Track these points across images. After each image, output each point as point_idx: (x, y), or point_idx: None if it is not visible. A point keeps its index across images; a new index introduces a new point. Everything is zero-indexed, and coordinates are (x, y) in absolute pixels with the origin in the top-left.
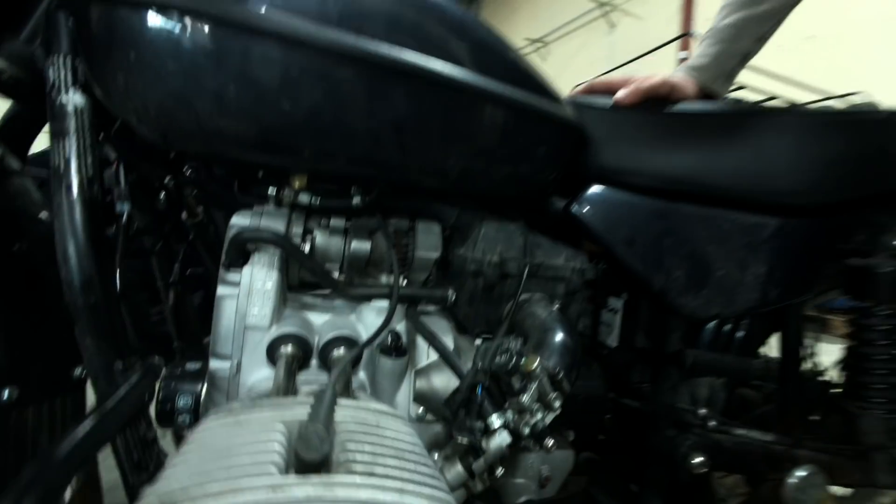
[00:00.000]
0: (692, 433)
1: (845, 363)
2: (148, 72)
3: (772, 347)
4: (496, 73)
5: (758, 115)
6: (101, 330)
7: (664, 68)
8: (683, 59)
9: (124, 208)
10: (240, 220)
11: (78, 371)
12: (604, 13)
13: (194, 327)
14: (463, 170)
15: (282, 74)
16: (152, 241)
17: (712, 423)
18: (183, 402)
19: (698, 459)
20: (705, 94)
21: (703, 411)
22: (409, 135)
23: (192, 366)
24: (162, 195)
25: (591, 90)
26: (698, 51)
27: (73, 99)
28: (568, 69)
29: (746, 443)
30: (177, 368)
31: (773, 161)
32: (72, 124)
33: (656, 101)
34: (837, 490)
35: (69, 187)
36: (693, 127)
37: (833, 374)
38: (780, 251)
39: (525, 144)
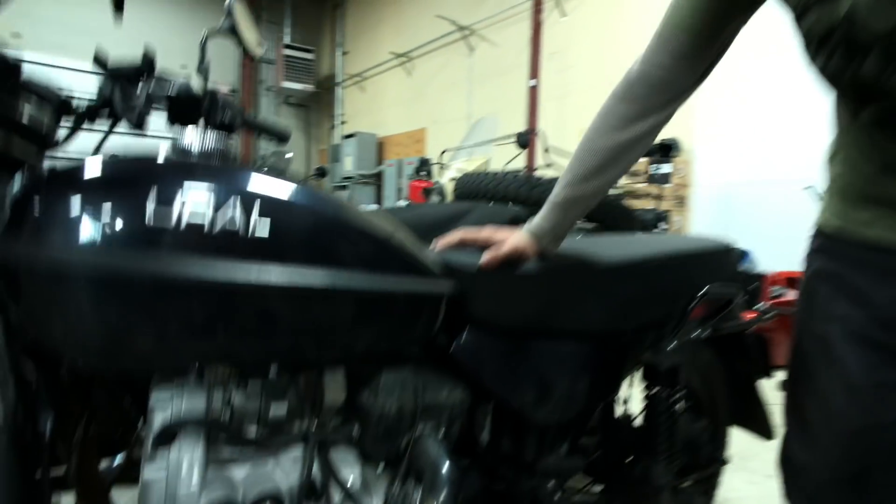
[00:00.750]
0: None
1: (642, 427)
2: (88, 319)
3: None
4: (387, 267)
5: (576, 271)
6: None
7: (518, 92)
8: (533, 87)
9: (47, 427)
10: (160, 398)
11: None
12: (463, 36)
13: (99, 485)
14: (366, 348)
15: (203, 309)
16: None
17: (557, 496)
18: None
19: None
20: (542, 253)
21: (551, 484)
22: (322, 336)
23: None
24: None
25: (463, 243)
26: (541, 213)
27: None
28: (432, 85)
29: None
30: None
31: (588, 303)
32: None
33: (510, 262)
34: None
35: None
36: (534, 283)
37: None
38: (598, 366)
39: (414, 317)
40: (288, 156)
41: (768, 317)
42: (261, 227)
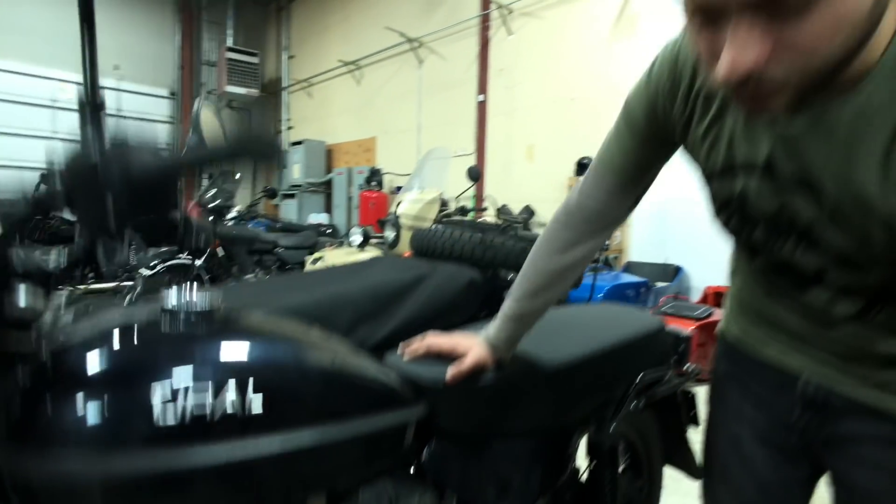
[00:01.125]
0: None
1: (587, 489)
2: None
3: None
4: (369, 408)
5: (528, 376)
6: None
7: (467, 106)
8: (482, 102)
9: None
10: None
11: None
12: (412, 48)
13: None
14: (347, 477)
15: (204, 489)
16: None
17: None
18: None
19: None
20: (499, 362)
21: None
22: (309, 479)
23: None
24: None
25: (429, 353)
26: (496, 325)
27: None
28: (381, 94)
29: None
30: None
31: (540, 403)
32: None
33: (471, 374)
34: None
35: None
36: (493, 392)
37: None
38: (549, 456)
39: (390, 444)
40: (236, 177)
41: (694, 375)
42: (255, 404)
